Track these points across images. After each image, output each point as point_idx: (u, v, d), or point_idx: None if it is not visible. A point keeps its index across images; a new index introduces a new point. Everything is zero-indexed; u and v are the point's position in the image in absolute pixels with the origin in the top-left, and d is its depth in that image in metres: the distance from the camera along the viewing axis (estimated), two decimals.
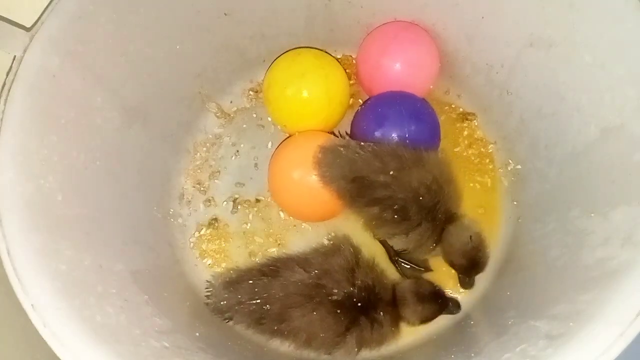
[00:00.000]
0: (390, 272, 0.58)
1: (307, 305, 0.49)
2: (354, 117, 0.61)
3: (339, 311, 0.49)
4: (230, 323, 0.53)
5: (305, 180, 0.55)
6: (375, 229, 0.55)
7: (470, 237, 0.52)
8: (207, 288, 0.55)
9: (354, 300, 0.50)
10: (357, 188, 0.52)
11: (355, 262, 0.52)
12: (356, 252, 0.53)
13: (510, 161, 0.62)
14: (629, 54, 0.44)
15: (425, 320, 0.53)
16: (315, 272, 0.50)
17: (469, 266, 0.53)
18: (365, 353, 0.52)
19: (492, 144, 0.63)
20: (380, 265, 0.56)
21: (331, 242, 0.56)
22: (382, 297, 0.51)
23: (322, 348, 0.51)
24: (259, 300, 0.50)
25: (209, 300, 0.53)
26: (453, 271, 0.56)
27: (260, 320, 0.50)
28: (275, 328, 0.50)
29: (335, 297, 0.49)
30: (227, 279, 0.53)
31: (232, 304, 0.51)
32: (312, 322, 0.49)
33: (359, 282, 0.50)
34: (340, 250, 0.53)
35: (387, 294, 0.52)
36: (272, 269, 0.52)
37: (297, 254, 0.55)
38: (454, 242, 0.52)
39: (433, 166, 0.52)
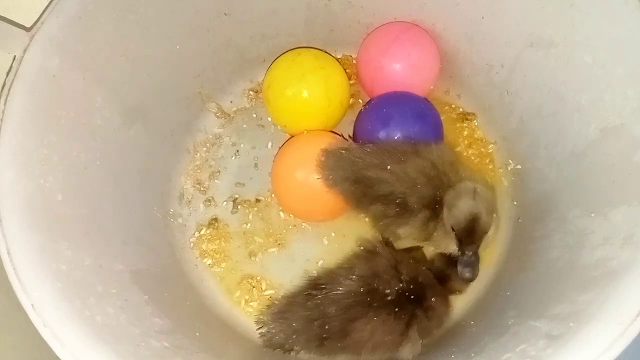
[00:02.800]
0: None
1: (367, 313, 0.47)
2: (357, 117, 0.61)
3: (397, 310, 0.48)
4: (293, 354, 0.50)
5: (309, 180, 0.55)
6: (384, 228, 0.54)
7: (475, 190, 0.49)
8: (258, 325, 0.52)
9: (407, 294, 0.49)
10: (362, 188, 0.52)
11: (395, 259, 0.51)
12: (391, 248, 0.52)
13: (510, 161, 0.61)
14: (629, 54, 0.44)
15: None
16: (363, 278, 0.49)
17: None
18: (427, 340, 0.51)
19: (492, 144, 0.63)
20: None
21: (362, 248, 0.54)
22: (426, 284, 0.50)
23: (389, 351, 0.49)
24: (315, 323, 0.48)
25: (263, 338, 0.51)
26: None
27: (323, 342, 0.48)
28: (339, 345, 0.48)
29: (390, 297, 0.48)
30: (276, 310, 0.51)
31: (289, 334, 0.49)
32: (375, 328, 0.47)
33: (405, 276, 0.49)
34: (377, 251, 0.52)
35: (429, 279, 0.51)
36: (318, 288, 0.50)
37: (336, 266, 0.53)
38: (458, 204, 0.49)
39: (431, 153, 0.51)
